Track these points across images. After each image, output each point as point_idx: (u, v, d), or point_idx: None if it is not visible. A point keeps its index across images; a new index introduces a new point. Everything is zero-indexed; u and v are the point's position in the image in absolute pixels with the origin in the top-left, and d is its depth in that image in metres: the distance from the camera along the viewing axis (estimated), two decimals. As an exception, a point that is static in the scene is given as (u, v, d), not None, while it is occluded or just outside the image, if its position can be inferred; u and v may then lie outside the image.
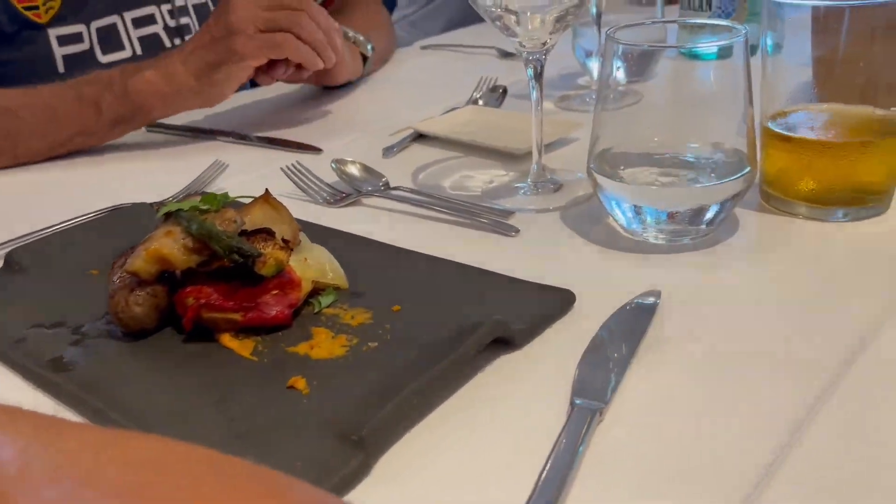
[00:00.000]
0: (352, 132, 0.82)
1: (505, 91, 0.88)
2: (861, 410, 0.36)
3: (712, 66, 0.51)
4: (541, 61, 0.59)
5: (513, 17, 0.57)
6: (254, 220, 0.47)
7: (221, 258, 0.43)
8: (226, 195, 0.47)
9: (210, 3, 1.04)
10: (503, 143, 0.71)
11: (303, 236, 0.49)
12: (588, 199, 0.59)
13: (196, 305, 0.43)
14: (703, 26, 0.60)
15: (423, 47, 1.21)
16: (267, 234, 0.45)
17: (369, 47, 0.98)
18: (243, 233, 0.45)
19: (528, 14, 0.57)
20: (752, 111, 0.51)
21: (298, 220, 0.58)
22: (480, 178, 0.67)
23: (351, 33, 0.94)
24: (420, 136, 0.77)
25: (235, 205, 0.48)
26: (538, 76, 0.59)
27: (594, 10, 0.81)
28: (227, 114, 0.93)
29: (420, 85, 0.99)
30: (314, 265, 0.47)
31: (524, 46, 0.58)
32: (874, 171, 0.53)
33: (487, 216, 0.58)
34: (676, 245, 0.52)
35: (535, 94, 0.60)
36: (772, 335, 0.42)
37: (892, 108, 0.52)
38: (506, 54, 1.11)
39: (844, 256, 0.50)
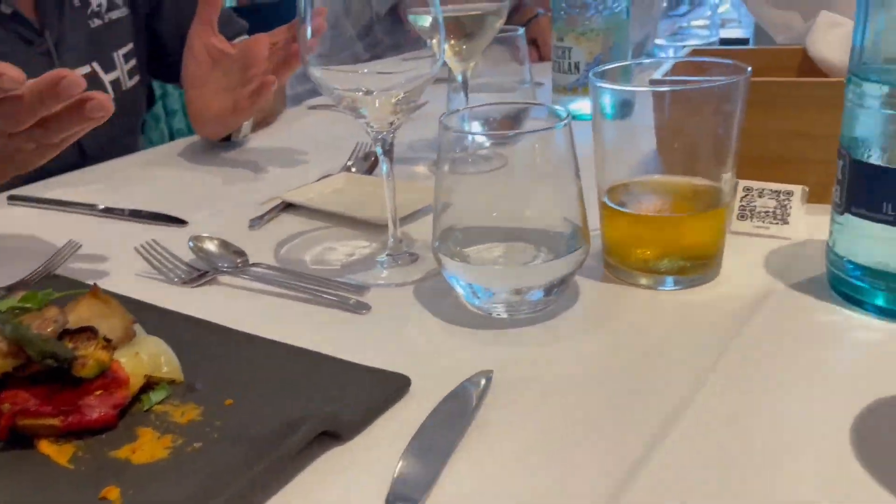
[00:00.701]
0: (222, 201, 0.82)
1: (377, 158, 0.89)
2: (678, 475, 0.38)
3: (543, 142, 0.53)
4: (387, 140, 0.60)
5: (358, 101, 0.58)
6: (80, 316, 0.46)
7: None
8: (49, 293, 0.46)
9: None
10: (367, 214, 0.71)
11: (138, 328, 0.48)
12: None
13: (11, 412, 0.41)
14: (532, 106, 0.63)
15: (311, 107, 1.21)
16: (90, 332, 0.44)
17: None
18: (66, 332, 0.44)
19: (375, 94, 0.58)
20: (579, 186, 0.53)
21: (147, 305, 0.58)
22: (343, 250, 0.68)
23: None
24: (290, 206, 0.77)
25: (62, 301, 0.47)
26: (387, 152, 0.60)
27: (459, 77, 0.84)
28: (96, 183, 0.91)
29: (301, 149, 0.99)
30: (147, 359, 0.46)
31: (371, 127, 0.59)
32: (701, 241, 0.56)
33: (341, 293, 0.58)
34: (518, 319, 0.53)
35: (385, 168, 0.61)
36: (598, 408, 0.44)
37: (715, 180, 0.55)
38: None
39: (673, 324, 0.52)
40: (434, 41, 0.59)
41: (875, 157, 0.47)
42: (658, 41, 1.32)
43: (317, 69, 0.57)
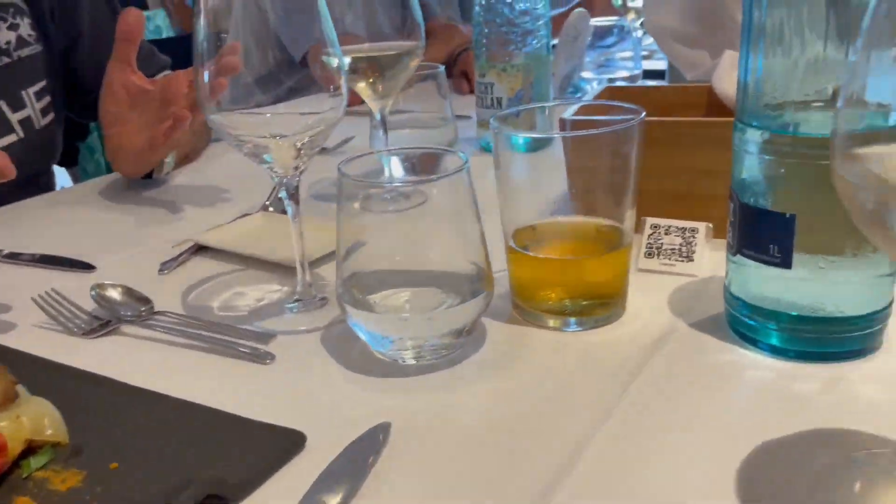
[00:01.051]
0: (134, 243, 0.80)
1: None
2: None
3: (444, 187, 0.53)
4: (291, 184, 0.59)
5: (261, 147, 0.57)
6: (-46, 380, 0.43)
7: None
8: (-80, 356, 0.44)
9: None
10: (280, 256, 0.70)
11: (21, 389, 0.46)
12: (351, 316, 0.60)
13: None
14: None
15: (237, 141, 1.20)
16: (-37, 398, 0.42)
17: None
18: (-64, 398, 0.42)
19: (279, 139, 0.58)
20: (481, 229, 0.53)
21: (39, 360, 0.56)
22: (253, 295, 0.66)
23: None
24: (203, 247, 0.76)
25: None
26: (292, 196, 0.60)
27: (378, 115, 0.83)
28: (2, 226, 0.88)
29: (222, 186, 0.98)
30: (29, 422, 0.44)
31: (276, 172, 0.58)
32: (605, 282, 0.57)
33: (244, 342, 0.57)
34: (425, 365, 0.53)
35: (290, 211, 0.60)
36: (498, 456, 0.43)
37: (618, 221, 0.56)
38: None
39: (577, 367, 0.52)
40: (339, 84, 0.58)
41: (760, 201, 0.48)
42: (585, 74, 1.34)
43: (216, 114, 0.57)
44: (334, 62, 0.80)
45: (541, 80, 1.01)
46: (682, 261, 0.63)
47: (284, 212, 0.86)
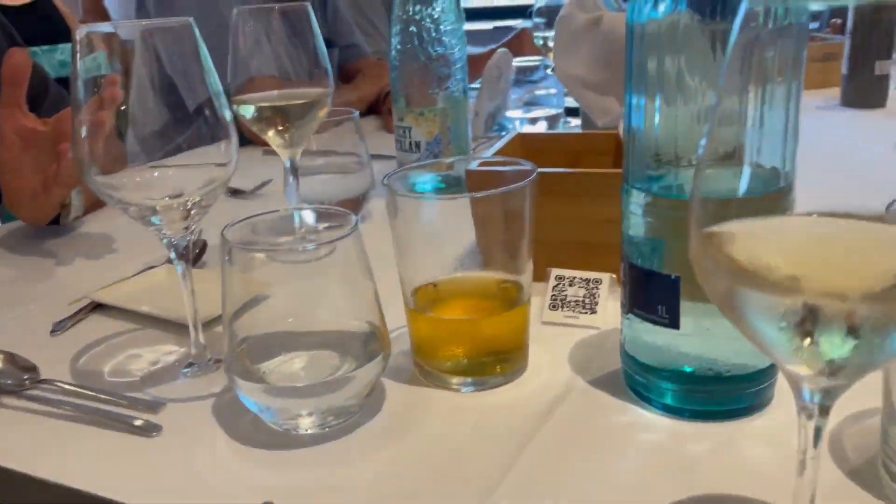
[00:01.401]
0: (27, 300, 0.76)
1: (203, 247, 0.85)
2: None
3: (336, 249, 0.52)
4: (181, 245, 0.57)
5: (148, 209, 0.55)
6: None
7: None
8: None
9: None
10: (180, 314, 0.68)
11: None
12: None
13: None
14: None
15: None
16: None
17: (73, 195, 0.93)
18: None
19: (167, 200, 0.56)
20: (374, 288, 0.52)
21: None
22: (148, 357, 0.64)
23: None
24: (100, 305, 0.73)
25: None
26: (182, 256, 0.58)
27: (288, 162, 0.82)
28: None
29: (130, 234, 0.94)
30: None
31: (164, 234, 0.56)
32: (505, 341, 0.56)
33: (131, 413, 0.54)
34: (319, 434, 0.51)
35: (180, 269, 0.58)
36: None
37: (517, 275, 0.55)
38: (235, 192, 1.10)
39: (474, 430, 0.51)
40: (230, 141, 0.57)
41: (647, 262, 0.48)
42: (509, 113, 1.35)
43: (98, 175, 0.54)
44: (251, 109, 0.79)
45: (459, 123, 1.01)
46: (586, 313, 0.63)
47: (191, 265, 0.83)
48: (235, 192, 1.09)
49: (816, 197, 0.39)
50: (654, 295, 0.48)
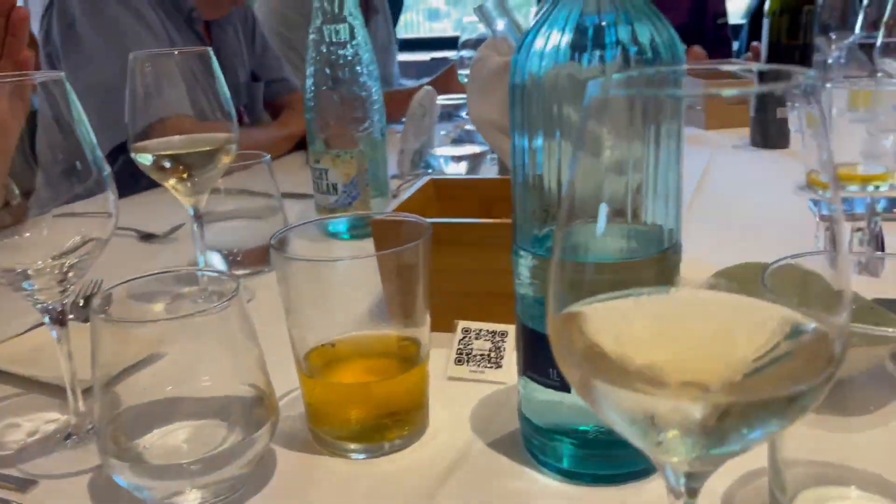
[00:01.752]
0: None
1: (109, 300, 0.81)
2: None
3: (217, 317, 0.49)
4: (56, 309, 0.54)
5: (18, 275, 0.51)
6: None
7: None
8: None
9: None
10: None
11: None
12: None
13: None
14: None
15: (56, 215, 1.11)
16: None
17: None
18: None
19: (40, 265, 0.52)
20: (258, 353, 0.49)
21: None
22: (27, 427, 0.59)
23: None
24: (-15, 367, 0.68)
25: None
26: (56, 321, 0.54)
27: (192, 210, 0.79)
28: None
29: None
30: None
31: (39, 300, 0.53)
32: (402, 404, 0.54)
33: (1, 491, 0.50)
34: (201, 510, 0.48)
35: (55, 334, 0.55)
36: None
37: (414, 333, 0.54)
38: (146, 236, 1.06)
39: (365, 498, 0.49)
40: (110, 195, 0.54)
41: (537, 324, 0.47)
42: (436, 150, 1.35)
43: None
44: (150, 158, 0.75)
45: (377, 165, 1.00)
46: (491, 367, 0.62)
47: (86, 320, 0.79)
48: (147, 237, 1.05)
49: (706, 252, 0.38)
50: (545, 358, 0.47)
